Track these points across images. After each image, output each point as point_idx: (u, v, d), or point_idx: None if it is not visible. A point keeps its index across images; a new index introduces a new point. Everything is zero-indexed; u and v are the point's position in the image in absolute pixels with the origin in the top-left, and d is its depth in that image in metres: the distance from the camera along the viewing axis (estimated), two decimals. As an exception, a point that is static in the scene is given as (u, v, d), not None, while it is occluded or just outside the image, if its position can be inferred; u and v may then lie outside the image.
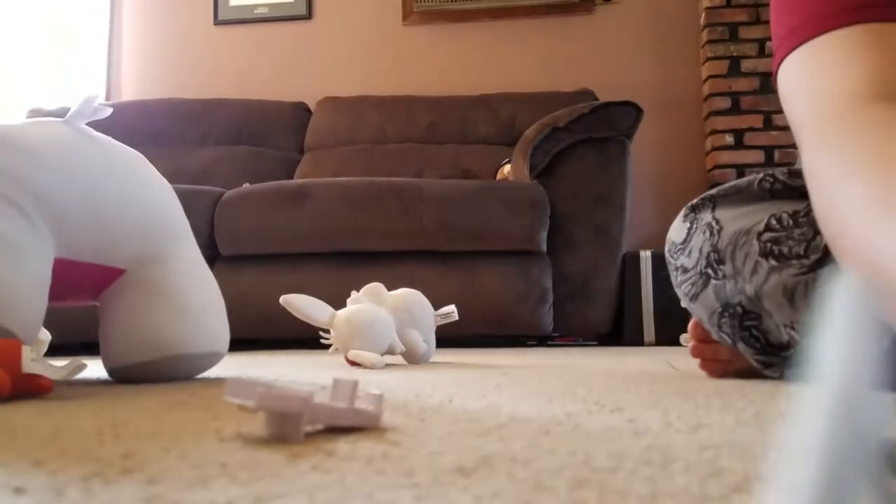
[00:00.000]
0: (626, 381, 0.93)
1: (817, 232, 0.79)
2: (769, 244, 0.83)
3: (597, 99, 2.99)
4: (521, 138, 2.56)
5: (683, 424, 0.52)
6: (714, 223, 0.90)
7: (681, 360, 1.47)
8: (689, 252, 0.92)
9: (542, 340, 2.56)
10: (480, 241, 2.32)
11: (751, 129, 3.06)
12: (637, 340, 2.43)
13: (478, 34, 3.47)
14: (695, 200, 0.94)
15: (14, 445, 0.44)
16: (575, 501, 0.30)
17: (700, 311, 0.91)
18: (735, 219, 0.88)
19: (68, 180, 0.86)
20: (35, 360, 0.68)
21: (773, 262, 0.82)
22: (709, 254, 0.89)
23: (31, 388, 0.69)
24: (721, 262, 0.87)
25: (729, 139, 3.07)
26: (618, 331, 2.47)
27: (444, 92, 3.29)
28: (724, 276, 0.86)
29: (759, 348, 0.83)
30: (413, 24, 3.51)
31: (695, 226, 0.92)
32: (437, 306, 1.49)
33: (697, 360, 0.98)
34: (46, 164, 0.84)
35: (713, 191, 0.93)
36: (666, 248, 0.98)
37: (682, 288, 0.93)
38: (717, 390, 0.77)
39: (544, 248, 2.35)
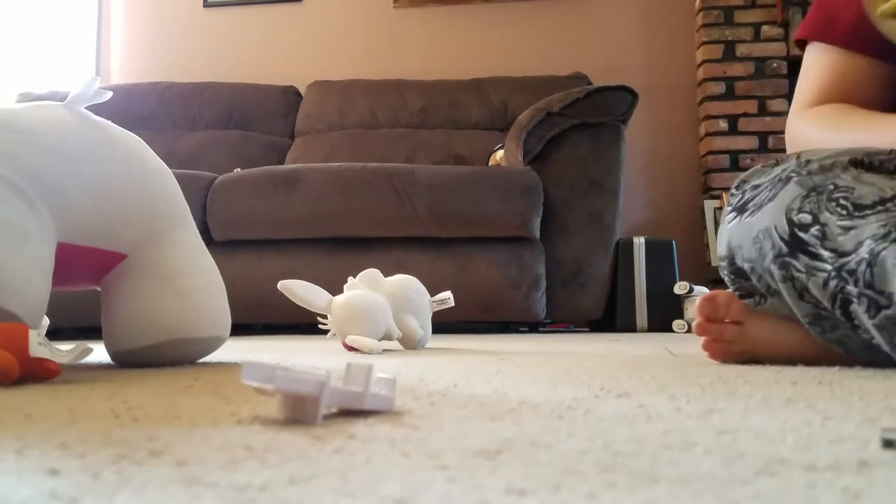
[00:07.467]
0: (625, 366, 0.93)
1: None
2: (862, 160, 0.84)
3: (590, 83, 2.99)
4: (514, 123, 2.55)
5: (694, 410, 0.53)
6: (800, 157, 0.89)
7: (676, 346, 1.48)
8: (769, 173, 0.90)
9: (534, 327, 2.57)
10: (473, 227, 2.32)
11: (745, 115, 3.06)
12: (629, 327, 2.45)
13: (470, 17, 3.46)
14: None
15: (35, 428, 0.44)
16: (606, 484, 0.31)
17: (764, 218, 0.86)
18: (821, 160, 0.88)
19: (70, 164, 0.86)
20: (42, 345, 0.68)
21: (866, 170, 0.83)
22: (795, 166, 0.87)
23: (38, 372, 0.69)
24: (811, 172, 0.86)
25: (723, 125, 3.07)
26: (609, 317, 2.48)
27: (436, 76, 3.27)
28: (811, 173, 0.85)
29: (845, 214, 0.79)
30: (404, 6, 3.49)
31: (777, 165, 0.92)
32: (429, 292, 1.49)
33: (699, 341, 0.97)
34: (48, 148, 0.84)
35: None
36: (733, 186, 0.96)
37: (750, 203, 0.89)
38: (720, 376, 0.78)
39: (537, 234, 2.35)
